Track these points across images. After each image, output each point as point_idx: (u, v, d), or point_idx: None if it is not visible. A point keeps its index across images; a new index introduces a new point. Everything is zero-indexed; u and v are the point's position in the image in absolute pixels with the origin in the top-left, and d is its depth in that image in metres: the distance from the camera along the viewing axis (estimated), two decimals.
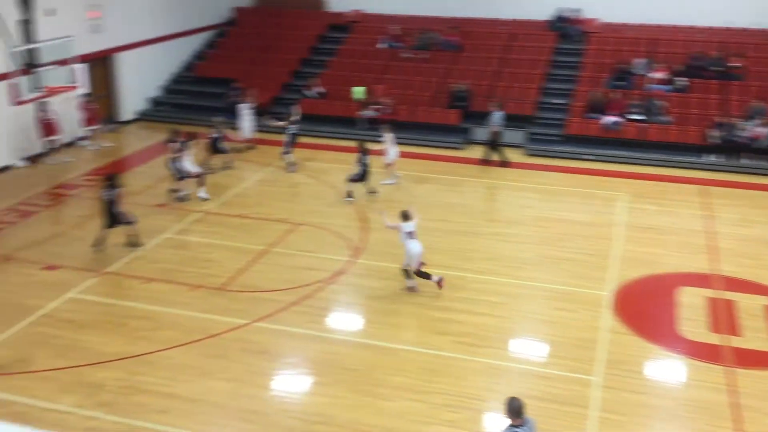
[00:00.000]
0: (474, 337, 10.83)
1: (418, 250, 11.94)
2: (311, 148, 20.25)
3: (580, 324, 11.34)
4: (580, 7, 24.18)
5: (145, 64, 23.10)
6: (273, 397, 9.50)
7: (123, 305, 11.70)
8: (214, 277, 12.61)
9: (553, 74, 22.93)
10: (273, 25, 26.06)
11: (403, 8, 25.57)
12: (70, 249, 13.80)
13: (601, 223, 15.49)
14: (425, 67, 23.17)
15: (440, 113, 21.51)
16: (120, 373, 9.79)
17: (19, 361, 10.09)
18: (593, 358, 10.36)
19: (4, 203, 16.06)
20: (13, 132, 18.24)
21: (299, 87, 23.20)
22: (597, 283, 12.68)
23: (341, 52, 24.37)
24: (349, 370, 10.00)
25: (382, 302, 11.96)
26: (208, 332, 10.86)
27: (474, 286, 12.49)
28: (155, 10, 23.25)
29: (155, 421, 8.82)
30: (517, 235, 14.79)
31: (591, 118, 20.63)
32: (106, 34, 21.03)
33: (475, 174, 18.69)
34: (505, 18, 24.96)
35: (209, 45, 26.04)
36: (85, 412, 9.00)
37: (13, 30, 15.22)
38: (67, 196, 16.75)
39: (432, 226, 14.99)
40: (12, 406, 9.04)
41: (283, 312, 11.49)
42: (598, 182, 18.27)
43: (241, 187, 17.41)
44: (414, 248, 11.90)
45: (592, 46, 23.33)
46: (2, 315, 11.25)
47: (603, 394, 9.55)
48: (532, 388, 9.64)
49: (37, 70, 15.13)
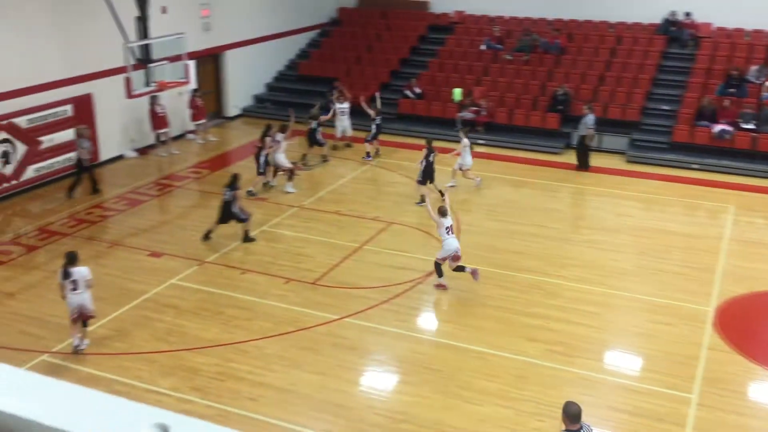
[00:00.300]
0: (566, 347, 10.60)
1: (455, 246, 12.03)
2: (408, 148, 20.32)
3: (679, 339, 10.90)
4: (692, 10, 23.21)
5: (251, 62, 23.79)
6: (359, 392, 9.60)
7: (221, 294, 12.09)
8: (307, 272, 12.86)
9: (660, 79, 22.14)
10: (375, 25, 26.32)
11: (505, 9, 25.29)
12: (174, 238, 14.39)
13: (705, 236, 14.84)
14: (526, 69, 22.84)
15: (540, 117, 21.15)
16: (215, 360, 10.13)
17: (123, 342, 10.61)
18: (691, 375, 9.94)
19: (114, 191, 16.92)
20: (127, 124, 19.20)
21: (399, 87, 23.34)
22: (698, 298, 12.16)
23: (441, 53, 24.34)
24: (436, 371, 9.98)
25: (472, 305, 11.88)
26: (300, 325, 11.09)
27: (568, 294, 12.21)
28: (262, 10, 23.90)
29: (246, 408, 9.08)
30: (616, 244, 14.36)
31: (700, 126, 19.79)
32: (216, 32, 21.79)
33: (573, 179, 18.27)
34: (612, 21, 24.26)
35: (312, 44, 26.56)
36: (180, 395, 9.36)
37: (129, 27, 15.98)
38: (173, 187, 17.47)
39: (527, 230, 14.78)
40: (114, 384, 9.50)
41: (373, 309, 11.59)
42: (703, 193, 17.51)
43: (336, 183, 17.67)
44: (452, 244, 12.01)
45: (704, 51, 22.36)
46: (110, 297, 11.85)
47: (698, 413, 9.16)
48: (626, 402, 9.34)
49: (150, 65, 15.82)
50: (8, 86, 15.79)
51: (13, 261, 13.28)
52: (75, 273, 10.10)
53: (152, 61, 15.86)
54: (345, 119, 20.14)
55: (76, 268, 10.13)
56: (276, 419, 8.90)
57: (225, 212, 13.90)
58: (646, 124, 20.85)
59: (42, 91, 16.60)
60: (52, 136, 16.96)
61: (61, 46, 16.94)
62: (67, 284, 10.12)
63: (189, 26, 19.60)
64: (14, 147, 16.14)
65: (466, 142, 16.81)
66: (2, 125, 15.77)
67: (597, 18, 24.40)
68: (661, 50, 22.85)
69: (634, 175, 18.66)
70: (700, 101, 20.30)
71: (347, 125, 20.19)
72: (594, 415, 9.25)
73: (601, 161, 19.65)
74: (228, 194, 13.82)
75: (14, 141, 16.12)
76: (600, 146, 20.33)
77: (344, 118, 20.13)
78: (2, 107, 15.73)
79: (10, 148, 16.06)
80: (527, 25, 24.56)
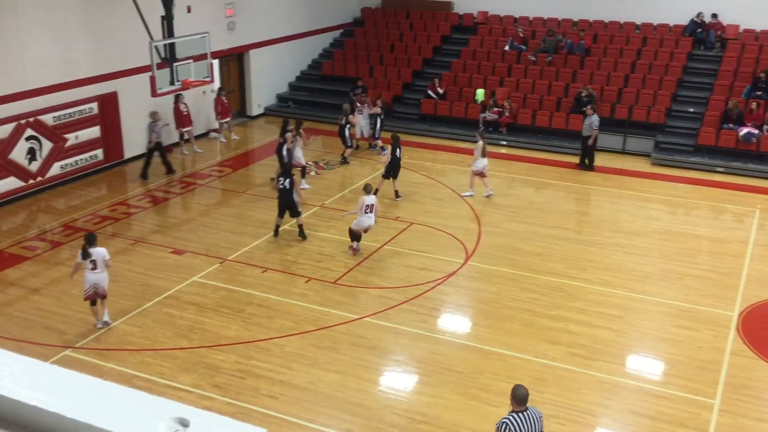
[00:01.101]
0: (588, 350, 10.52)
1: (369, 222, 13.39)
2: (430, 148, 20.31)
3: (703, 344, 10.78)
4: (719, 12, 22.93)
5: (275, 61, 23.89)
6: (379, 392, 9.60)
7: (242, 292, 12.16)
8: (327, 271, 12.89)
9: (686, 81, 21.91)
10: (398, 25, 26.33)
11: (530, 10, 25.16)
12: (197, 235, 14.50)
13: (731, 240, 14.66)
14: (549, 70, 22.71)
15: (563, 118, 21.02)
16: (235, 357, 10.19)
17: (145, 338, 10.71)
18: (714, 380, 9.82)
19: (139, 189, 17.08)
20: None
21: (421, 87, 23.32)
22: (723, 303, 12.01)
23: (464, 54, 24.28)
24: (455, 372, 9.95)
25: (493, 306, 11.84)
26: (320, 324, 11.12)
27: (590, 297, 12.13)
28: (286, 9, 23.99)
29: (266, 406, 9.12)
30: (639, 247, 14.23)
31: (726, 129, 19.56)
32: (240, 31, 21.91)
33: (597, 182, 18.14)
34: (638, 22, 24.05)
35: (335, 44, 26.63)
36: (201, 391, 9.42)
37: (154, 26, 16.12)
38: (196, 185, 17.59)
39: (549, 232, 14.70)
40: (135, 380, 9.58)
41: (393, 309, 11.59)
42: (729, 196, 17.29)
43: (358, 183, 17.68)
44: (364, 222, 13.29)
45: (731, 54, 22.09)
46: (133, 293, 11.98)
47: (721, 419, 9.05)
48: (647, 406, 9.26)
49: (175, 64, 15.95)
50: (35, 84, 16.00)
51: (38, 256, 13.45)
52: (94, 253, 10.56)
53: (177, 60, 15.99)
54: (366, 121, 20.07)
55: (95, 248, 10.58)
56: (295, 417, 8.93)
57: (284, 201, 13.97)
58: (671, 127, 20.64)
59: (68, 89, 16.81)
60: (77, 134, 17.16)
61: (87, 45, 17.13)
62: (87, 264, 10.57)
63: (213, 25, 19.76)
64: (40, 144, 16.35)
65: (480, 144, 16.39)
66: (29, 122, 15.99)
67: (623, 19, 24.20)
68: (688, 52, 22.62)
69: (658, 177, 18.49)
70: (726, 104, 20.07)
71: (367, 126, 20.04)
72: (614, 419, 9.19)
73: (626, 163, 19.50)
74: (284, 183, 13.90)
75: (40, 138, 16.33)
76: (624, 149, 20.19)
77: (365, 120, 20.04)
78: (29, 105, 15.95)
79: (37, 145, 16.27)
80: (552, 25, 24.42)
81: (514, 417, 6.80)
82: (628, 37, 23.41)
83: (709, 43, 22.78)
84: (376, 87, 23.50)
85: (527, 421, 6.79)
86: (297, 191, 14.11)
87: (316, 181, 17.66)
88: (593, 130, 18.49)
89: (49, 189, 16.69)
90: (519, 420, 6.78)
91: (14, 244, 13.98)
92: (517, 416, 6.80)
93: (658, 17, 23.75)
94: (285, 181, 13.88)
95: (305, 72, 25.54)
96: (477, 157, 16.41)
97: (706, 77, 21.83)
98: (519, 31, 24.13)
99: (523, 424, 6.76)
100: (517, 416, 6.80)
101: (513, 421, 6.76)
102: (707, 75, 21.91)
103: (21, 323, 11.11)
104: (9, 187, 15.77)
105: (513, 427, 6.74)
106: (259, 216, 15.32)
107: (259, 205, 15.85)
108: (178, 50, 16.03)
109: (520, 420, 6.78)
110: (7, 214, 15.43)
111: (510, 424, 6.74)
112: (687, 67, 22.28)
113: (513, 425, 6.74)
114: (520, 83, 22.54)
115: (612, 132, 20.22)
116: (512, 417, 6.80)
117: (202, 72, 16.78)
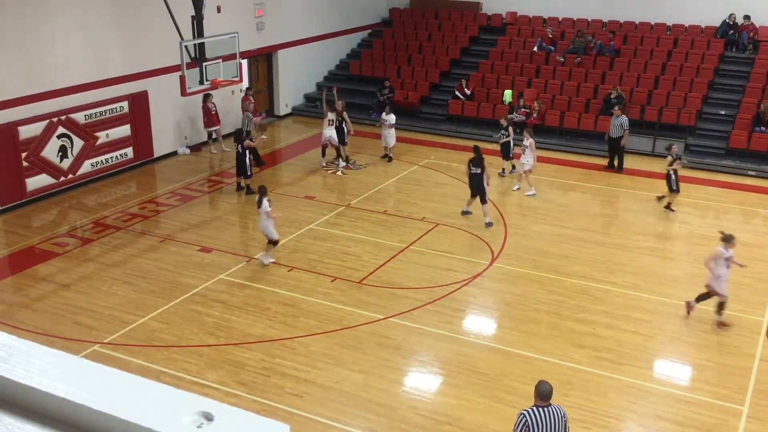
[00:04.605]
0: (615, 354, 10.42)
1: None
2: (457, 149, 20.25)
3: (733, 349, 10.62)
4: (751, 13, 22.57)
5: (303, 61, 24.00)
6: (403, 392, 9.60)
7: (268, 290, 12.24)
8: (353, 270, 12.92)
9: (718, 83, 21.62)
10: (426, 25, 26.30)
11: (559, 10, 24.99)
12: (224, 234, 14.62)
13: (761, 244, 14.43)
14: (578, 71, 22.54)
15: (592, 119, 20.84)
16: (261, 355, 10.25)
17: (172, 335, 10.82)
18: (743, 386, 9.68)
19: (168, 187, 17.27)
20: (181, 121, 19.58)
21: (449, 88, 23.28)
22: (755, 308, 11.83)
23: (492, 54, 24.19)
24: (480, 373, 9.92)
25: (518, 308, 11.78)
26: (345, 323, 11.15)
27: (617, 300, 12.01)
28: (314, 10, 24.09)
29: (290, 405, 9.16)
30: (668, 250, 14.07)
31: (758, 132, 19.26)
32: (268, 31, 22.05)
33: (626, 184, 17.96)
34: (669, 23, 23.77)
35: (363, 44, 26.67)
36: (226, 389, 9.50)
37: (184, 26, 16.28)
38: (224, 183, 17.73)
39: (576, 235, 14.59)
40: (162, 376, 9.69)
41: (418, 310, 11.58)
42: (761, 200, 17.02)
43: (384, 183, 17.71)
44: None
45: (763, 56, 21.73)
46: (161, 290, 12.11)
47: (749, 425, 8.92)
48: (674, 411, 9.15)
49: (204, 63, 16.10)
50: (67, 83, 16.25)
51: (68, 253, 13.66)
52: (262, 204, 12.65)
53: (206, 60, 16.13)
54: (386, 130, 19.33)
55: (263, 201, 12.66)
56: (319, 416, 8.96)
57: (475, 186, 14.83)
58: (702, 129, 20.38)
59: (100, 88, 17.05)
60: (108, 132, 17.39)
61: (119, 44, 17.36)
62: (261, 211, 12.77)
63: (243, 25, 19.90)
64: (72, 142, 16.60)
65: (530, 142, 16.57)
66: (61, 120, 16.24)
67: (653, 20, 23.93)
68: (719, 54, 22.30)
69: (689, 180, 18.20)
70: (758, 106, 19.76)
71: (389, 136, 19.23)
72: (640, 424, 9.09)
73: (655, 166, 19.27)
74: (474, 169, 14.64)
75: (72, 136, 16.58)
76: (654, 151, 19.97)
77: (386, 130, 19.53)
78: (61, 103, 16.20)
79: (68, 143, 16.52)
80: (581, 26, 24.23)
81: (534, 411, 6.74)
82: (658, 38, 23.14)
83: (741, 45, 22.44)
84: (403, 87, 23.51)
85: (548, 417, 6.69)
86: (487, 177, 14.94)
87: (342, 181, 17.71)
88: (624, 131, 18.32)
89: (80, 186, 16.93)
90: (538, 414, 6.70)
91: (45, 240, 14.21)
92: (538, 410, 6.73)
93: (689, 18, 23.44)
94: (475, 168, 14.87)
95: (333, 72, 25.61)
96: (526, 156, 16.57)
97: (738, 79, 21.52)
98: (548, 32, 23.97)
99: (542, 418, 6.68)
100: (537, 410, 6.73)
101: (532, 414, 6.70)
102: (739, 77, 21.59)
103: (51, 318, 11.29)
104: (41, 184, 16.03)
105: (531, 420, 6.68)
106: (285, 215, 15.39)
107: (285, 204, 15.93)
108: (207, 50, 16.18)
109: (540, 414, 6.69)
110: (39, 210, 15.69)
111: (528, 417, 6.69)
112: (718, 69, 21.97)
113: (531, 419, 6.68)
114: (549, 84, 22.39)
115: (642, 134, 20.01)
116: (532, 410, 6.75)
117: (231, 72, 16.91)
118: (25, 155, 15.57)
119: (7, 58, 14.98)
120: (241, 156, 16.30)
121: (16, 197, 15.61)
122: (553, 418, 6.72)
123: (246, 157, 16.32)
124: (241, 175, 16.57)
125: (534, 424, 6.66)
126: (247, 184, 16.62)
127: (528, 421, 6.68)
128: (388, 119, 18.95)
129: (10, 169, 15.33)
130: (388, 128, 18.97)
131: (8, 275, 12.89)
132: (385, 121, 18.93)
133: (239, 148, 16.32)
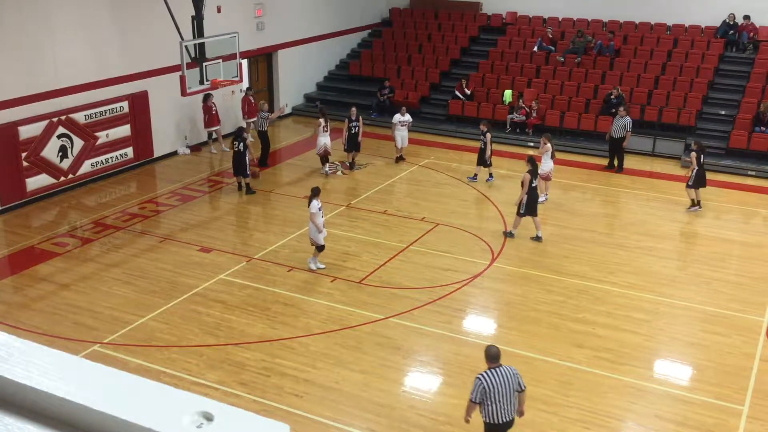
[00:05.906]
0: (614, 354, 10.43)
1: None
2: (458, 149, 20.25)
3: (732, 350, 10.62)
4: (751, 13, 22.56)
5: (303, 61, 24.00)
6: (403, 392, 9.60)
7: (267, 290, 12.24)
8: (353, 270, 12.92)
9: (718, 83, 21.61)
10: (426, 26, 26.30)
11: (559, 10, 24.98)
12: (224, 234, 14.62)
13: (761, 244, 14.43)
14: (578, 71, 22.54)
15: (592, 119, 20.85)
16: (261, 355, 10.25)
17: (172, 335, 10.82)
18: (743, 387, 9.68)
19: (168, 187, 17.27)
20: (181, 121, 19.57)
21: (449, 88, 23.28)
22: (754, 308, 11.83)
23: (492, 54, 24.19)
24: None
25: (518, 308, 11.78)
26: (345, 323, 11.15)
27: (617, 300, 12.01)
28: (314, 10, 24.10)
29: (290, 405, 9.17)
30: (668, 250, 14.07)
31: (758, 132, 19.26)
32: (268, 31, 22.04)
33: (625, 184, 17.96)
34: (669, 23, 23.77)
35: (363, 44, 26.68)
36: (226, 389, 9.50)
37: (184, 25, 16.28)
38: (223, 183, 17.73)
39: (576, 235, 14.59)
40: (162, 376, 9.69)
41: (418, 310, 11.58)
42: (761, 200, 17.02)
43: (384, 183, 17.70)
44: None
45: (763, 56, 21.73)
46: (161, 290, 12.11)
47: (749, 426, 8.92)
48: (673, 411, 9.15)
49: (204, 63, 16.10)
50: (67, 82, 16.25)
51: (68, 252, 13.66)
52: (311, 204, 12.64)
53: (206, 60, 16.13)
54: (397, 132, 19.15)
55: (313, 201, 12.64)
56: (319, 416, 8.97)
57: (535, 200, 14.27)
58: (702, 129, 20.37)
59: (100, 88, 17.04)
60: (108, 132, 17.39)
61: (119, 44, 17.36)
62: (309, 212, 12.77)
63: (243, 25, 19.90)
64: (72, 142, 16.60)
65: (548, 147, 15.85)
66: (61, 120, 16.24)
67: (653, 20, 23.93)
68: (719, 54, 22.30)
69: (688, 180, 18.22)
70: (758, 106, 19.76)
71: (401, 136, 19.13)
72: (640, 424, 9.10)
73: (656, 166, 19.29)
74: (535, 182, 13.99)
75: (72, 136, 16.58)
76: (654, 151, 19.97)
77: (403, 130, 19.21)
78: (61, 103, 16.20)
79: (68, 143, 16.52)
80: (581, 26, 24.23)
81: (488, 374, 7.47)
82: (658, 39, 23.14)
83: (741, 45, 22.44)
84: (403, 87, 23.51)
85: (501, 376, 7.46)
86: None
87: (342, 181, 17.71)
88: (627, 132, 18.31)
89: (80, 186, 16.93)
90: (493, 376, 7.45)
91: (45, 240, 14.21)
92: (491, 372, 7.48)
93: (689, 18, 23.44)
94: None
95: (333, 72, 25.62)
96: (544, 161, 15.85)
97: (738, 79, 21.52)
98: (548, 32, 23.97)
99: (496, 378, 7.44)
100: (491, 372, 7.48)
101: (487, 377, 7.44)
102: (739, 77, 21.59)
103: (51, 318, 11.29)
104: (41, 184, 16.03)
105: (486, 382, 7.41)
106: (285, 215, 15.41)
107: (285, 204, 15.94)
108: (207, 50, 16.18)
109: (494, 375, 7.45)
110: (39, 210, 15.70)
111: (483, 380, 7.43)
112: (718, 69, 21.97)
113: (486, 381, 7.41)
114: (549, 84, 22.39)
115: (642, 134, 20.01)
116: (487, 374, 7.47)
117: (231, 72, 16.92)
118: (25, 155, 15.57)
119: (7, 58, 14.98)
120: (240, 155, 16.30)
121: (16, 197, 15.61)
122: (507, 376, 7.49)
123: (246, 156, 16.32)
124: (240, 174, 16.58)
125: (490, 384, 7.40)
126: (247, 182, 16.63)
127: (484, 383, 7.41)
128: (406, 119, 18.89)
129: (10, 169, 15.33)
130: (402, 129, 18.86)
131: (8, 275, 12.90)
132: (409, 122, 18.92)
133: (239, 147, 16.32)
